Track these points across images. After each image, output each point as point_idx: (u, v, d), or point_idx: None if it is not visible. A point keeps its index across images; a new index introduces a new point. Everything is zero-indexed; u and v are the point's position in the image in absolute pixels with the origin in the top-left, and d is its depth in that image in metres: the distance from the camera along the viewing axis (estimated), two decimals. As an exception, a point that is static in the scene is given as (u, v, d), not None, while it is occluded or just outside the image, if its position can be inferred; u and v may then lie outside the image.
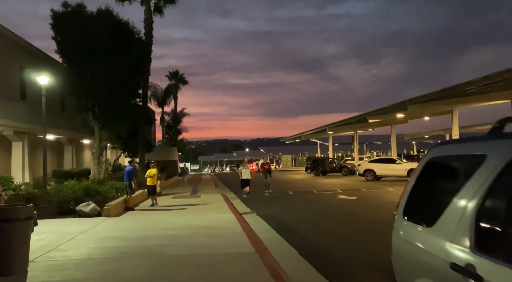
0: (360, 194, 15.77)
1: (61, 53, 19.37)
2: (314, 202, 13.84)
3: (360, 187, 19.05)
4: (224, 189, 22.54)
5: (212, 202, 14.35)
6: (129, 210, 11.81)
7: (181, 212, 11.60)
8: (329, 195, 16.01)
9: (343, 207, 12.06)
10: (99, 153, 21.40)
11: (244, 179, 17.56)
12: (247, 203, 13.99)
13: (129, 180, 11.85)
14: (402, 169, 23.53)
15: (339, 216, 10.21)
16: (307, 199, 14.84)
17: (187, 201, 14.94)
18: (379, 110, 23.00)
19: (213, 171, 74.68)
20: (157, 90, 47.58)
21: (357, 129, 35.20)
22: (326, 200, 14.03)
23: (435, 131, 44.20)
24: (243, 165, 18.75)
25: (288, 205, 13.25)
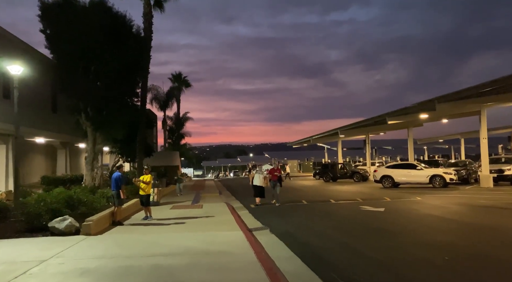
0: (386, 204, 13.73)
1: (50, 47, 17.58)
2: (336, 214, 11.82)
3: (381, 196, 17.00)
4: (229, 197, 20.58)
5: (216, 213, 12.38)
6: (117, 225, 9.87)
7: (179, 228, 9.64)
8: (349, 205, 13.98)
9: (374, 222, 10.03)
10: (93, 157, 19.57)
11: (255, 186, 14.77)
12: (257, 215, 12.02)
13: (117, 189, 9.93)
14: (424, 175, 21.47)
15: (377, 236, 8.18)
16: (326, 210, 12.83)
17: (187, 212, 12.99)
18: (400, 111, 20.92)
19: (217, 177, 72.70)
20: (159, 93, 45.89)
21: (369, 133, 33.20)
22: (349, 212, 12.00)
23: (451, 135, 42.03)
24: (259, 169, 15.97)
25: (306, 218, 11.23)
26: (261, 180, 14.57)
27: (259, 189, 14.62)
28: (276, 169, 16.11)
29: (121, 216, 10.39)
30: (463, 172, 23.13)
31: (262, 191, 14.64)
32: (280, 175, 15.91)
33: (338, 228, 9.31)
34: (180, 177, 21.95)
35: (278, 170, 16.17)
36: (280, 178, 15.65)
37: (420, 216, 10.79)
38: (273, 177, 15.27)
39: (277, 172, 15.61)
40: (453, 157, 55.21)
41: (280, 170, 16.61)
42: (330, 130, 33.64)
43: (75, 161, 26.35)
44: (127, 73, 19.60)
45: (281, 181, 15.64)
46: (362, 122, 26.70)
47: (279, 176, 15.64)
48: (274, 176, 15.33)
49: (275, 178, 15.30)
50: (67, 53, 17.22)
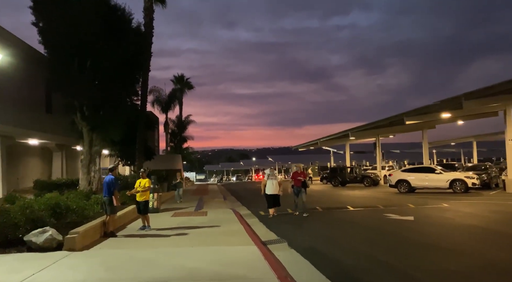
0: (412, 212, 12.29)
1: (43, 41, 16.29)
2: (361, 224, 10.39)
3: (401, 202, 15.57)
4: (234, 202, 19.19)
5: (222, 222, 10.99)
6: (109, 237, 8.48)
7: (181, 241, 8.25)
8: (371, 213, 12.55)
9: (410, 234, 8.59)
10: (89, 160, 18.22)
11: (270, 195, 12.00)
12: (269, 224, 10.61)
13: (109, 194, 8.56)
14: (444, 180, 20.00)
15: (424, 254, 6.71)
16: (347, 219, 11.40)
17: (190, 220, 11.60)
18: (420, 110, 19.41)
19: (220, 181, 71.24)
20: (161, 95, 44.69)
21: (380, 135, 31.78)
22: (375, 222, 10.56)
23: (464, 138, 40.53)
24: (271, 173, 12.55)
25: (327, 228, 9.80)
26: (275, 187, 11.98)
27: (274, 197, 12.08)
28: (300, 172, 13.09)
29: (114, 226, 9.02)
30: (484, 176, 21.65)
31: (277, 199, 12.18)
32: (305, 179, 12.96)
33: (370, 242, 7.89)
34: (179, 181, 19.14)
35: (303, 174, 13.11)
36: (305, 182, 12.76)
37: (461, 227, 9.34)
38: (297, 182, 12.59)
39: (301, 176, 12.75)
40: (463, 160, 53.64)
41: (304, 174, 13.38)
42: (340, 132, 32.21)
43: (72, 164, 25.05)
44: (126, 70, 18.32)
45: (306, 186, 12.82)
46: (376, 123, 25.23)
47: (304, 180, 12.77)
48: (298, 180, 12.61)
49: (299, 183, 12.54)
50: (61, 48, 15.94)
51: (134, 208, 11.93)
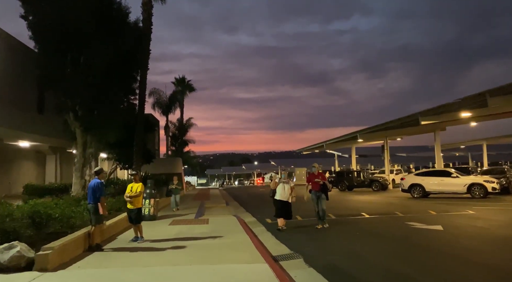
0: (436, 220, 11.04)
1: (33, 36, 15.21)
2: (385, 235, 9.14)
3: (421, 208, 14.31)
4: (237, 208, 17.96)
5: (226, 231, 9.78)
6: (95, 250, 7.28)
7: (179, 256, 7.04)
8: (391, 221, 11.29)
9: (446, 248, 7.34)
10: (82, 163, 17.06)
11: (278, 201, 9.97)
12: (278, 234, 9.39)
13: (95, 202, 7.37)
14: (461, 184, 18.73)
15: (468, 274, 5.53)
16: (366, 228, 10.15)
17: (189, 229, 10.38)
18: (437, 109, 18.10)
19: (222, 185, 70.01)
20: (161, 97, 43.47)
21: (388, 138, 30.55)
22: (400, 232, 9.27)
23: (474, 141, 39.22)
24: (283, 176, 10.39)
25: (347, 240, 8.52)
26: (287, 192, 9.90)
27: (284, 205, 9.92)
28: (318, 173, 10.64)
29: (101, 238, 7.81)
30: (503, 181, 20.38)
31: (287, 208, 9.99)
32: (325, 182, 10.51)
33: (401, 257, 6.65)
34: (176, 186, 16.63)
35: (321, 175, 10.67)
36: (325, 186, 10.41)
37: (504, 239, 8.10)
38: (314, 186, 10.32)
39: (319, 178, 10.41)
40: (470, 164, 52.26)
41: (323, 175, 10.84)
42: (348, 134, 30.95)
43: (67, 168, 23.83)
44: (123, 67, 17.22)
45: (326, 190, 10.43)
46: (387, 124, 23.96)
47: (323, 183, 10.38)
48: (315, 184, 10.31)
49: (317, 186, 10.26)
50: (52, 42, 14.85)
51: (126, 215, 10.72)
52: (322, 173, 11.02)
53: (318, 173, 10.77)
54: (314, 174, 10.75)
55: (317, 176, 10.59)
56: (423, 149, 56.86)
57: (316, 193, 10.38)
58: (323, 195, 10.35)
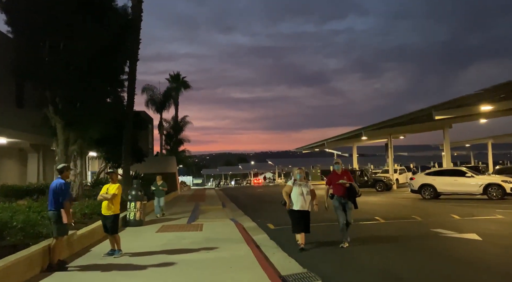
0: (466, 226, 9.58)
1: (7, 19, 13.64)
2: (416, 247, 7.63)
3: (439, 211, 12.88)
4: (235, 210, 16.46)
5: (222, 241, 8.27)
6: (56, 270, 5.74)
7: (161, 277, 5.52)
8: (414, 227, 9.81)
9: (506, 267, 5.89)
10: (64, 161, 15.48)
11: (297, 211, 7.32)
12: (283, 243, 7.88)
13: (57, 207, 5.82)
14: (476, 184, 17.35)
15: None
16: (389, 237, 8.65)
17: (179, 238, 8.85)
18: (453, 102, 16.57)
19: (218, 185, 68.35)
20: (154, 93, 41.77)
21: (392, 136, 29.16)
22: (432, 243, 7.74)
23: (479, 139, 37.97)
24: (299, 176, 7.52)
25: (372, 254, 6.91)
26: (307, 199, 7.30)
27: (304, 216, 7.30)
28: (342, 172, 7.85)
29: (68, 252, 6.26)
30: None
31: (307, 219, 7.38)
32: (352, 184, 7.69)
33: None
34: (160, 187, 13.98)
35: (346, 174, 7.85)
36: (352, 190, 7.63)
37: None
38: (338, 190, 7.62)
39: (344, 179, 7.65)
40: (473, 163, 51.09)
41: (349, 174, 7.94)
42: (351, 131, 29.48)
43: (51, 168, 22.18)
44: (109, 56, 15.65)
45: (355, 195, 7.69)
46: (395, 120, 22.43)
47: (350, 185, 7.62)
48: (339, 187, 7.58)
49: (342, 190, 7.58)
50: (27, 26, 13.27)
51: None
52: (347, 172, 8.04)
53: (342, 172, 7.80)
54: (337, 172, 7.82)
55: (341, 176, 7.67)
56: (424, 148, 55.64)
57: (341, 199, 7.58)
58: (349, 202, 7.56)
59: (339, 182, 7.63)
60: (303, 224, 7.36)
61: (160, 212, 13.91)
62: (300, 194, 7.31)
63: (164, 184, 14.22)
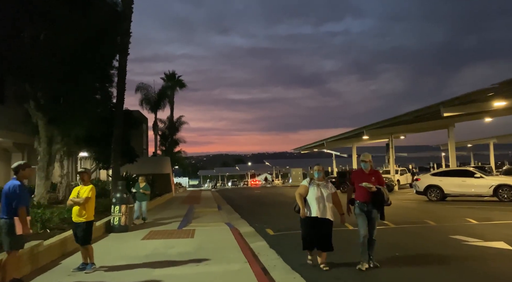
0: (488, 233, 8.61)
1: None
2: (443, 260, 6.64)
3: (451, 215, 11.92)
4: (231, 213, 15.44)
5: (215, 251, 7.25)
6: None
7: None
8: (430, 233, 8.83)
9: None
10: (47, 161, 14.50)
11: (313, 219, 5.65)
12: (287, 254, 6.87)
13: (9, 215, 4.75)
14: (486, 186, 16.41)
15: None
16: (405, 246, 7.63)
17: (167, 247, 7.82)
18: (464, 97, 15.50)
19: (214, 186, 67.22)
20: (149, 92, 40.65)
21: (393, 136, 28.25)
22: (456, 252, 6.72)
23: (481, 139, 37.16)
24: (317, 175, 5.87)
25: (391, 266, 5.88)
26: (327, 204, 5.69)
27: (320, 226, 5.68)
28: (369, 172, 5.86)
29: (27, 268, 5.20)
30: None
31: (327, 231, 5.71)
32: (381, 188, 5.74)
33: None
34: (141, 190, 12.13)
35: (375, 174, 5.89)
36: (380, 195, 5.69)
37: None
38: (362, 194, 5.74)
39: (369, 180, 5.72)
40: (472, 163, 50.35)
41: (379, 174, 5.95)
42: (352, 130, 28.52)
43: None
44: (97, 49, 14.61)
45: (383, 203, 5.75)
46: (400, 117, 21.28)
47: (378, 190, 5.69)
48: (363, 191, 5.71)
49: (367, 195, 5.69)
50: (3, 15, 12.23)
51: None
52: (377, 172, 6.02)
53: (370, 171, 5.84)
54: (364, 171, 5.84)
55: (369, 177, 5.73)
56: (424, 148, 54.88)
57: (365, 207, 5.66)
58: (375, 210, 5.68)
59: (363, 185, 5.66)
60: (320, 238, 5.54)
61: (141, 216, 12.16)
62: (319, 196, 5.67)
63: (147, 187, 12.48)
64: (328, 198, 5.74)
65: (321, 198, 5.69)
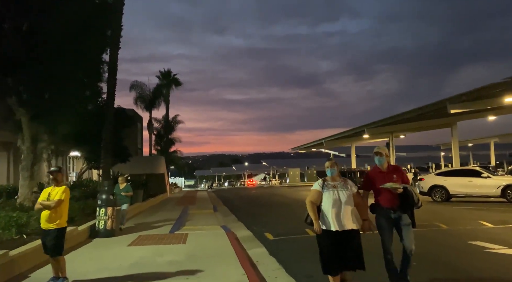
0: (509, 238, 7.88)
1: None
2: (471, 276, 5.92)
3: (462, 217, 11.20)
4: (227, 215, 14.65)
5: (209, 260, 6.46)
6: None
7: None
8: (445, 238, 8.08)
9: None
10: (31, 160, 13.63)
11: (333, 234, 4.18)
12: (289, 262, 6.10)
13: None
14: (493, 186, 15.73)
15: None
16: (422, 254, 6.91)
17: (156, 254, 7.01)
18: (473, 93, 14.75)
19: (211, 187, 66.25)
20: (143, 90, 39.74)
21: (394, 135, 27.60)
22: (483, 264, 5.94)
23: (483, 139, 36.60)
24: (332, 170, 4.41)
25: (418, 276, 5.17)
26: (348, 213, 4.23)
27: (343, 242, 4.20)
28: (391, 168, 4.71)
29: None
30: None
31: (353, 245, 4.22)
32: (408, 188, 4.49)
33: None
34: (121, 193, 10.55)
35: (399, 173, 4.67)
36: (409, 196, 4.44)
37: None
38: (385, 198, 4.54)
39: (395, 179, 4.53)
40: (472, 163, 49.86)
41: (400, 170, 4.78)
42: (352, 129, 27.79)
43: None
44: (86, 42, 13.78)
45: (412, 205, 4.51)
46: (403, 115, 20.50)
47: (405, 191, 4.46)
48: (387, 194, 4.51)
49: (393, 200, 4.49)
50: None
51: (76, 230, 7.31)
52: (399, 168, 4.82)
53: (390, 168, 4.68)
54: (381, 169, 4.68)
55: (389, 175, 4.57)
56: (422, 148, 54.33)
57: (389, 213, 4.51)
58: (404, 216, 4.50)
59: (387, 186, 4.42)
60: (347, 256, 4.19)
61: (121, 222, 10.28)
62: (336, 202, 4.22)
63: (128, 188, 10.83)
64: (348, 201, 4.26)
65: (340, 204, 4.23)
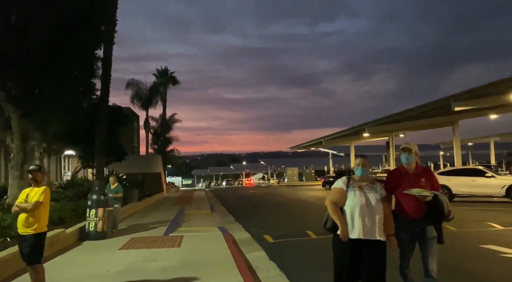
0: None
1: None
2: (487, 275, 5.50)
3: (469, 218, 10.78)
4: (224, 215, 14.19)
5: (205, 266, 6.01)
6: None
7: None
8: (456, 242, 7.65)
9: None
10: (21, 158, 13.12)
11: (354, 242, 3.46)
12: (291, 268, 5.67)
13: None
14: (498, 186, 15.37)
15: None
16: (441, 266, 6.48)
17: (148, 259, 6.55)
18: (478, 89, 14.33)
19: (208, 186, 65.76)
20: (140, 88, 39.27)
21: (394, 133, 27.24)
22: (502, 271, 5.64)
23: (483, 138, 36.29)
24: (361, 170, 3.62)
25: None
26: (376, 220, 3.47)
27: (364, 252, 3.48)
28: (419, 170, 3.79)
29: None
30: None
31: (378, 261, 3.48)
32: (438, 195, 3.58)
33: None
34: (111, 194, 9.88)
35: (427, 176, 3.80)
36: (438, 206, 3.55)
37: None
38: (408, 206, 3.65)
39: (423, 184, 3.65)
40: (471, 163, 49.62)
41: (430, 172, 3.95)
42: (352, 127, 27.35)
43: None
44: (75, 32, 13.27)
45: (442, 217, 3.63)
46: (405, 113, 20.16)
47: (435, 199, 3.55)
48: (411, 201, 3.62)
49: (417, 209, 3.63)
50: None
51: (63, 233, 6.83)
52: (429, 170, 4.03)
53: (417, 169, 3.81)
54: (407, 170, 3.82)
55: (416, 179, 3.72)
56: (421, 147, 54.09)
57: (413, 225, 3.68)
58: (429, 228, 3.68)
59: (413, 192, 3.58)
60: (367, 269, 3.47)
61: (114, 225, 9.74)
62: (363, 205, 3.50)
63: (119, 188, 10.25)
64: (377, 206, 3.51)
65: (366, 207, 3.49)
